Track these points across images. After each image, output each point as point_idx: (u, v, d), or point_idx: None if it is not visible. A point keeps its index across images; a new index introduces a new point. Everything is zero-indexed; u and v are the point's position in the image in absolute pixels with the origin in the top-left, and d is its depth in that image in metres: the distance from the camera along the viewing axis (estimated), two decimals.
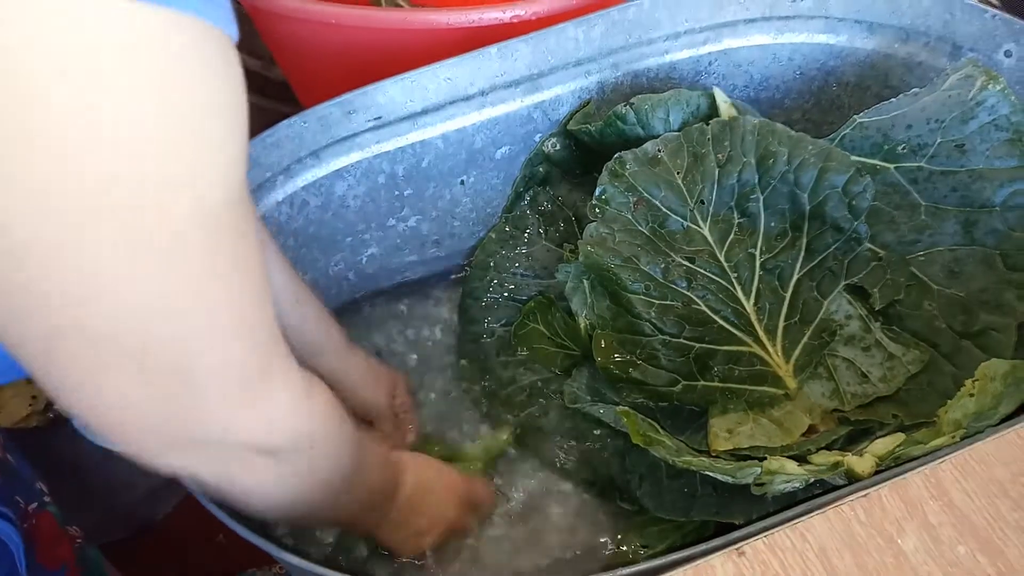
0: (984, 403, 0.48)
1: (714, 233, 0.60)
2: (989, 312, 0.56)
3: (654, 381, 0.57)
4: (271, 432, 0.38)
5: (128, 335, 0.30)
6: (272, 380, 0.37)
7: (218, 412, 0.35)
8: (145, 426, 0.34)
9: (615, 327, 0.59)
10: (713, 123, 0.60)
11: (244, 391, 0.35)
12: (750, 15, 0.71)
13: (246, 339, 0.34)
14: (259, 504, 0.43)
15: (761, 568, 0.38)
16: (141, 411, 0.33)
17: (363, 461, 0.48)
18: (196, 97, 0.27)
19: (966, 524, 0.40)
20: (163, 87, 0.26)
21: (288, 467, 0.41)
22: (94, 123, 0.24)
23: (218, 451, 0.38)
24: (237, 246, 0.31)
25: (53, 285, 0.27)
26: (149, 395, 0.32)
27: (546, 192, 0.75)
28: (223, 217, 0.29)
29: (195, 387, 0.33)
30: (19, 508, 0.53)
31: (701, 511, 0.56)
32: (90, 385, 0.31)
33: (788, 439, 0.55)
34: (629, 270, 0.59)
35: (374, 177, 0.69)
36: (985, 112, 0.55)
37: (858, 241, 0.58)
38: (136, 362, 0.30)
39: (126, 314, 0.29)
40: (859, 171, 0.57)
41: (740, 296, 0.59)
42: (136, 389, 0.32)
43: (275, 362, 0.37)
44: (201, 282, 0.30)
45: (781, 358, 0.58)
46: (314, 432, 0.41)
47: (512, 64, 0.67)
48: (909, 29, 0.69)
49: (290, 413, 0.39)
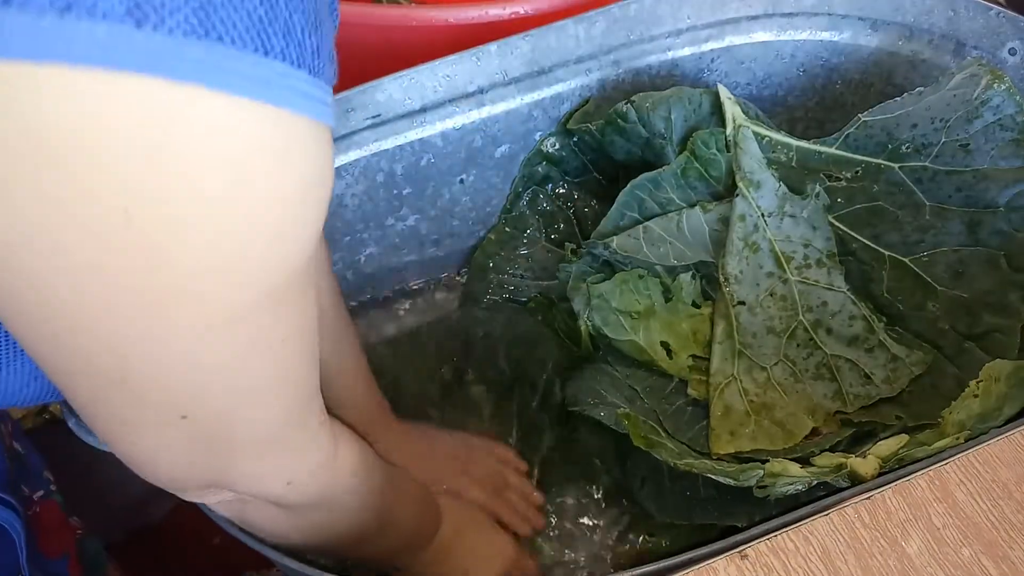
0: (988, 404, 0.48)
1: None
2: (993, 314, 0.56)
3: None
4: (290, 490, 0.39)
5: (178, 400, 0.30)
6: (302, 438, 0.37)
7: (243, 464, 0.35)
8: (173, 468, 0.34)
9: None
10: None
11: (273, 448, 0.36)
12: (753, 12, 0.71)
13: (288, 400, 0.34)
14: (273, 541, 0.43)
15: (764, 571, 0.38)
16: (172, 457, 0.33)
17: (393, 510, 0.48)
18: (291, 184, 0.26)
19: (970, 526, 0.40)
20: (262, 183, 0.25)
21: (305, 520, 0.42)
22: (181, 216, 0.24)
23: (237, 496, 0.38)
24: (293, 319, 0.31)
25: (117, 351, 0.27)
26: (183, 446, 0.33)
27: (546, 192, 0.75)
28: (286, 295, 0.29)
29: (229, 442, 0.34)
30: (24, 496, 0.53)
31: (703, 514, 0.55)
32: (131, 433, 0.32)
33: (791, 441, 0.54)
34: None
35: (372, 176, 0.68)
36: (990, 112, 0.54)
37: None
38: (179, 422, 0.31)
39: (180, 381, 0.29)
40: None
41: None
42: (172, 441, 0.32)
43: (309, 420, 0.37)
44: (258, 354, 0.30)
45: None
46: (335, 492, 0.42)
47: (512, 61, 0.67)
48: (913, 26, 0.69)
49: (313, 472, 0.39)
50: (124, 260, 0.24)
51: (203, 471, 0.35)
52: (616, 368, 0.62)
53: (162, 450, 0.33)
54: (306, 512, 0.41)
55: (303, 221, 0.27)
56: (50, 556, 0.53)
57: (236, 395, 0.31)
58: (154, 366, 0.28)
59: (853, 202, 0.60)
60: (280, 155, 0.25)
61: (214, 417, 0.32)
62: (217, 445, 0.33)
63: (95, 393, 0.30)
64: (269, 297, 0.28)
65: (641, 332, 0.61)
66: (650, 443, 0.52)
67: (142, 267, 0.24)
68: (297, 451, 0.37)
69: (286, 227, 0.27)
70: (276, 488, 0.38)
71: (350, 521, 0.44)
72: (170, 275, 0.25)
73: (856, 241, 0.61)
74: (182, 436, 0.32)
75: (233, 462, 0.35)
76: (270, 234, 0.26)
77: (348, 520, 0.44)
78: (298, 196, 0.26)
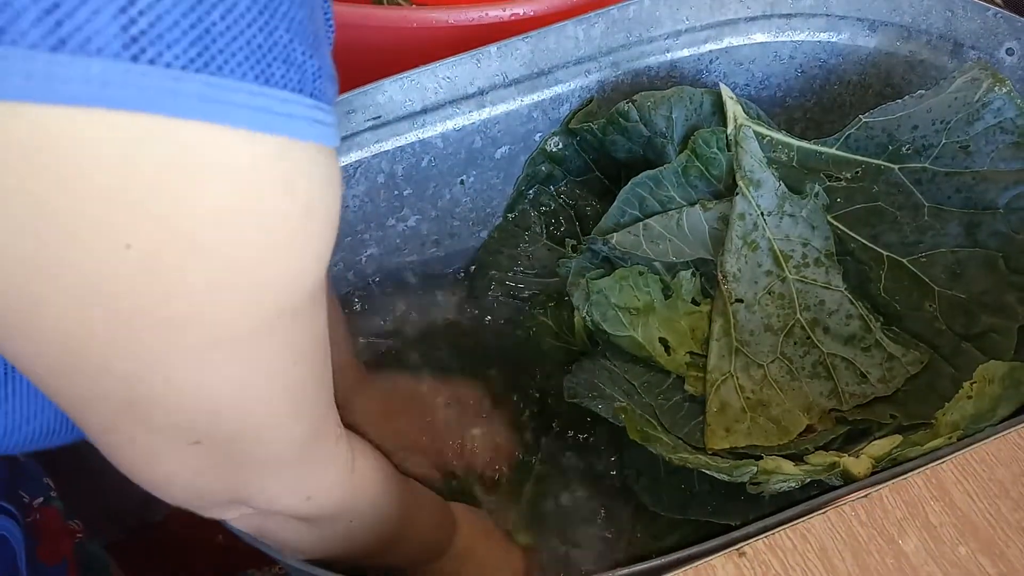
0: (982, 405, 0.48)
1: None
2: (990, 314, 0.56)
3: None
4: (309, 505, 0.39)
5: (190, 425, 0.30)
6: (319, 453, 0.37)
7: (261, 482, 0.35)
8: (190, 490, 0.34)
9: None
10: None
11: (290, 465, 0.36)
12: (751, 13, 0.71)
13: (303, 418, 0.34)
14: (294, 554, 0.43)
15: (762, 569, 0.38)
16: (188, 479, 0.33)
17: (410, 519, 0.48)
18: (297, 211, 0.26)
19: (967, 525, 0.40)
20: (268, 210, 0.25)
21: (326, 532, 0.42)
22: (186, 250, 0.24)
23: (256, 511, 0.38)
24: (304, 339, 0.31)
25: (126, 378, 0.27)
26: (199, 469, 0.33)
27: (548, 191, 0.75)
28: (297, 317, 0.29)
29: (245, 462, 0.34)
30: (23, 503, 0.53)
31: (698, 509, 0.56)
32: (146, 458, 0.31)
33: (785, 438, 0.55)
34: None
35: (373, 177, 0.69)
36: (991, 114, 0.54)
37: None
38: (193, 447, 0.31)
39: (191, 407, 0.29)
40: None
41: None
42: (188, 464, 0.32)
43: (325, 435, 0.37)
44: (270, 377, 0.30)
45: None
46: (355, 505, 0.42)
47: (512, 63, 0.67)
48: (911, 27, 0.69)
49: (331, 488, 0.39)
50: (129, 292, 0.24)
51: (221, 491, 0.35)
52: (614, 363, 0.62)
53: (178, 473, 0.32)
54: (326, 525, 0.41)
55: (311, 243, 0.27)
56: (49, 564, 0.53)
57: (249, 418, 0.31)
58: (164, 393, 0.28)
59: (852, 202, 0.61)
60: (285, 182, 0.25)
61: (228, 440, 0.32)
62: (233, 466, 0.33)
63: (107, 421, 0.29)
64: (280, 320, 0.28)
65: (640, 328, 0.61)
66: (646, 437, 0.52)
67: (148, 298, 0.24)
68: (315, 466, 0.37)
69: (294, 251, 0.27)
70: (295, 503, 0.38)
71: (370, 532, 0.44)
72: (177, 306, 0.25)
73: (854, 241, 0.61)
74: (197, 459, 0.32)
75: (250, 481, 0.35)
76: (278, 260, 0.26)
77: (367, 531, 0.44)
78: (304, 220, 0.26)
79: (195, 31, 0.21)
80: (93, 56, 0.19)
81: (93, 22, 0.19)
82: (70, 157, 0.21)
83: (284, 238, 0.26)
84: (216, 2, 0.21)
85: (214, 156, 0.22)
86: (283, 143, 0.24)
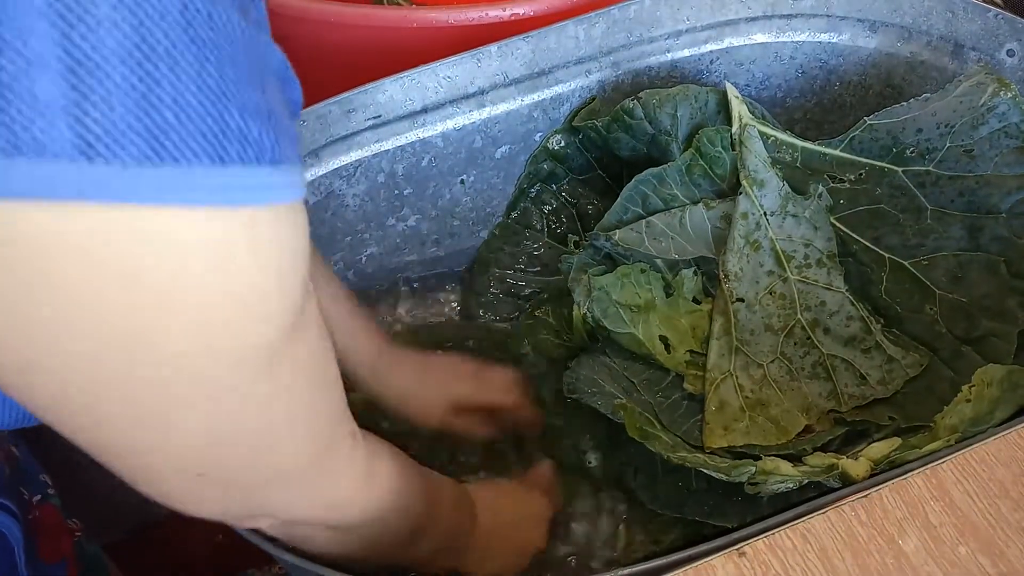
0: (981, 409, 0.48)
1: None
2: (991, 318, 0.56)
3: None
4: (332, 513, 0.39)
5: (196, 463, 0.31)
6: (334, 463, 0.38)
7: (277, 496, 0.36)
8: (204, 509, 0.35)
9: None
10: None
11: (306, 476, 0.36)
12: (752, 13, 0.71)
13: (310, 436, 0.35)
14: (322, 558, 0.44)
15: (762, 569, 0.38)
16: (201, 501, 0.34)
17: (434, 513, 0.48)
18: (265, 267, 0.27)
19: (967, 525, 0.40)
20: (236, 272, 0.26)
21: (352, 536, 0.42)
22: (159, 321, 0.25)
23: (280, 522, 0.39)
24: (297, 367, 0.32)
25: (122, 428, 0.28)
26: (210, 494, 0.33)
27: (550, 189, 0.75)
28: (285, 353, 0.30)
29: (254, 483, 0.34)
30: (23, 500, 0.53)
31: (695, 508, 0.56)
32: (157, 483, 0.32)
33: (784, 438, 0.55)
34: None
35: (373, 176, 0.69)
36: (995, 119, 0.54)
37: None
38: (199, 478, 0.32)
39: (189, 449, 0.30)
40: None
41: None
42: (198, 491, 0.33)
43: (339, 445, 0.38)
44: (264, 410, 0.31)
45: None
46: (379, 507, 0.42)
47: (512, 63, 0.67)
48: (911, 28, 0.69)
49: (352, 494, 0.40)
50: (111, 357, 0.25)
51: (237, 509, 0.36)
52: (614, 360, 0.62)
53: (190, 496, 0.33)
54: (353, 528, 0.41)
55: (282, 291, 0.28)
56: (48, 561, 0.53)
57: (251, 450, 0.32)
58: (163, 439, 0.29)
59: (855, 204, 0.61)
60: (250, 248, 0.26)
61: (232, 470, 0.32)
62: (243, 488, 0.34)
63: (111, 460, 0.30)
64: (267, 359, 0.29)
65: (640, 325, 0.61)
66: (645, 435, 0.52)
67: (127, 365, 0.26)
68: (331, 475, 0.38)
69: (269, 304, 0.28)
70: (317, 512, 0.39)
71: (396, 528, 0.44)
72: (158, 369, 0.26)
73: (857, 243, 0.61)
74: (203, 488, 0.33)
75: (265, 497, 0.36)
76: (252, 314, 0.27)
77: (395, 528, 0.44)
78: (273, 275, 0.27)
79: (148, 132, 0.22)
80: (48, 160, 0.21)
81: (48, 132, 0.21)
82: (38, 246, 0.22)
83: (256, 294, 0.27)
84: (169, 104, 0.22)
85: (177, 236, 0.24)
86: (244, 213, 0.25)
